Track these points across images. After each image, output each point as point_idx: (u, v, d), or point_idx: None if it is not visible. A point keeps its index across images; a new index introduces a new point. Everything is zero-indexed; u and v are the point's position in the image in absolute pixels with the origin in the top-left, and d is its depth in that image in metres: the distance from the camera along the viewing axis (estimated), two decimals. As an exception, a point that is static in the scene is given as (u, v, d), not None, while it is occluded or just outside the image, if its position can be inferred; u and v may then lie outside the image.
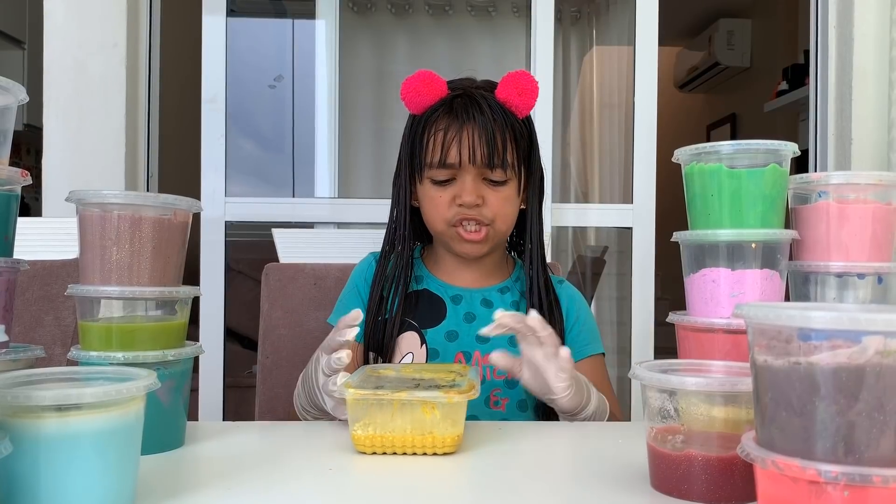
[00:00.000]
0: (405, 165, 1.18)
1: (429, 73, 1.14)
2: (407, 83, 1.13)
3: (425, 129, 1.13)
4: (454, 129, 1.11)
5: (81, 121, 1.89)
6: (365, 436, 0.81)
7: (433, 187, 1.14)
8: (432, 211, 1.15)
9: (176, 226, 0.86)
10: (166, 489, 0.70)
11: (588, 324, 1.22)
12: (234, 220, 1.98)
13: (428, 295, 1.20)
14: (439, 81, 1.14)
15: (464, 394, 0.80)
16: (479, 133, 1.10)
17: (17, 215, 0.79)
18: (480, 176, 1.12)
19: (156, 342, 0.83)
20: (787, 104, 3.88)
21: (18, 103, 0.77)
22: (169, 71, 2.17)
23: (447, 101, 1.13)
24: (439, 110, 1.13)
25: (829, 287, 0.90)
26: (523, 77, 1.13)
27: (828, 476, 0.47)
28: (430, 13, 2.74)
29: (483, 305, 1.19)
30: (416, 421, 0.80)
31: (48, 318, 1.31)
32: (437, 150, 1.11)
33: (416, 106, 1.14)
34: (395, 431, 0.80)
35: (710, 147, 0.86)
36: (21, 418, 0.58)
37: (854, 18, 1.92)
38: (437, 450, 0.81)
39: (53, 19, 1.89)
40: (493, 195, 1.12)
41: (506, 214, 1.15)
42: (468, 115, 1.10)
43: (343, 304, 1.22)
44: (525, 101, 1.13)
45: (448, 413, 0.80)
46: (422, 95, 1.13)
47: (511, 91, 1.12)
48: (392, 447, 0.81)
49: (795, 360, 0.49)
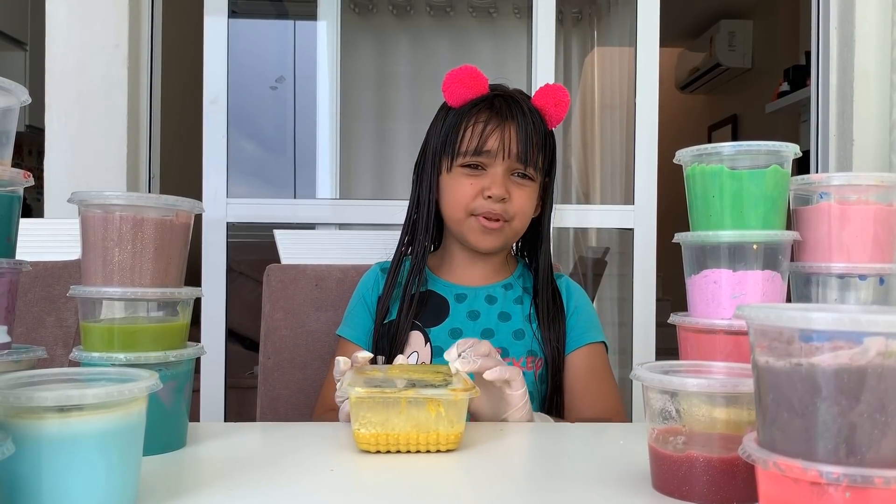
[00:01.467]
0: (433, 155, 1.20)
1: (473, 68, 1.19)
2: (452, 74, 1.18)
3: (464, 119, 1.17)
4: (495, 122, 1.15)
5: (83, 122, 1.89)
6: (368, 434, 0.81)
7: (463, 176, 1.17)
8: (456, 198, 1.17)
9: (178, 227, 0.86)
10: (168, 490, 0.70)
11: (587, 312, 1.25)
12: (236, 220, 1.98)
13: (432, 295, 1.22)
14: (483, 78, 1.19)
15: (468, 391, 0.82)
16: (518, 130, 1.15)
17: (19, 216, 0.80)
18: (509, 172, 1.16)
19: (158, 343, 0.83)
20: (789, 105, 3.88)
21: (21, 105, 0.78)
22: (170, 72, 2.17)
23: (489, 97, 1.18)
24: (480, 104, 1.17)
25: (830, 288, 0.90)
26: (559, 90, 1.19)
27: (829, 477, 0.47)
28: (432, 14, 2.74)
29: (487, 302, 1.21)
30: (419, 419, 0.81)
31: (50, 319, 1.31)
32: (475, 138, 1.15)
33: (457, 98, 1.18)
34: (398, 429, 0.81)
35: (712, 148, 0.86)
36: (23, 419, 0.58)
37: (855, 20, 1.92)
38: (441, 447, 0.82)
39: (55, 21, 1.90)
40: (518, 192, 1.16)
41: (525, 214, 1.18)
42: (511, 112, 1.15)
43: (351, 315, 1.25)
44: (558, 112, 1.20)
45: (451, 410, 0.81)
46: (467, 88, 1.17)
47: (548, 101, 1.19)
48: (396, 445, 0.81)
49: (797, 361, 0.49)
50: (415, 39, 2.75)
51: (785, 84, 3.95)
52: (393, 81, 2.68)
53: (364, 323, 1.22)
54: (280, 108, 3.21)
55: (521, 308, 1.21)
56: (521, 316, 1.20)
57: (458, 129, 1.16)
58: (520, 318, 1.20)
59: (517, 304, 1.22)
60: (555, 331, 1.19)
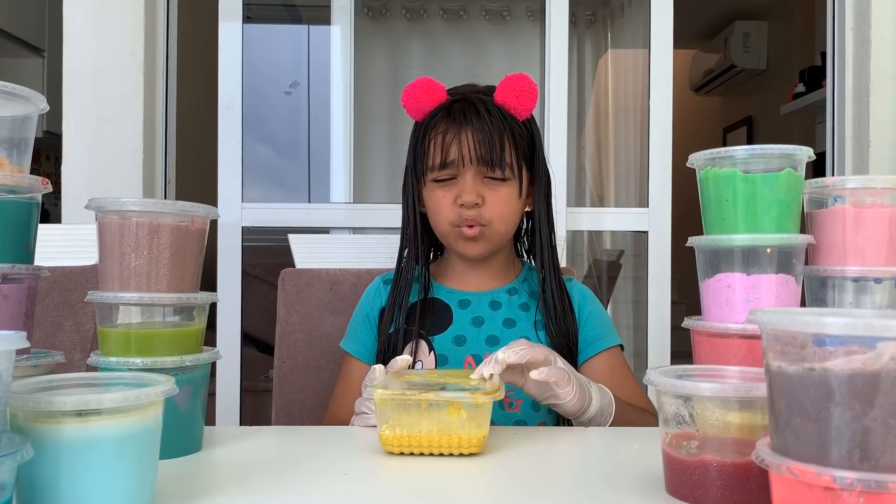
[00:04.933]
0: (410, 171, 1.20)
1: (428, 79, 1.18)
2: (407, 91, 1.18)
3: (426, 133, 1.16)
4: (453, 132, 1.14)
5: (100, 128, 1.91)
6: (392, 436, 0.82)
7: (437, 189, 1.16)
8: (437, 213, 1.17)
9: (193, 232, 0.87)
10: (184, 493, 0.71)
11: (601, 317, 1.23)
12: (251, 225, 1.99)
13: (436, 303, 1.21)
14: (438, 87, 1.18)
15: (489, 395, 0.82)
16: (476, 134, 1.12)
17: (38, 223, 0.81)
18: (480, 176, 1.14)
19: (174, 348, 0.84)
20: (804, 107, 3.86)
21: (39, 112, 0.79)
22: (186, 78, 2.19)
23: (446, 105, 1.16)
24: (438, 115, 1.16)
25: (845, 292, 0.89)
26: (521, 80, 1.15)
27: (843, 482, 0.47)
28: (445, 18, 2.75)
29: (491, 308, 1.20)
30: (443, 422, 0.81)
31: (68, 324, 1.32)
32: (437, 152, 1.14)
33: (416, 112, 1.18)
34: (422, 432, 0.81)
35: (725, 152, 0.86)
36: (42, 423, 0.59)
37: (871, 20, 1.91)
38: (463, 450, 0.82)
39: (73, 28, 1.92)
40: (492, 195, 1.14)
41: (504, 215, 1.16)
42: (466, 118, 1.13)
43: (354, 329, 1.25)
44: (523, 103, 1.16)
45: (474, 414, 0.81)
46: (421, 102, 1.17)
47: (509, 94, 1.15)
48: (419, 447, 0.82)
49: (810, 365, 0.49)
50: (428, 43, 2.75)
51: (800, 85, 3.92)
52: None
53: (366, 337, 1.22)
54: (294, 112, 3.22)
55: (526, 315, 1.19)
56: (528, 323, 1.19)
57: (423, 144, 1.16)
58: (526, 326, 1.18)
59: (523, 311, 1.20)
60: (563, 331, 1.17)
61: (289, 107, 3.24)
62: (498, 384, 0.86)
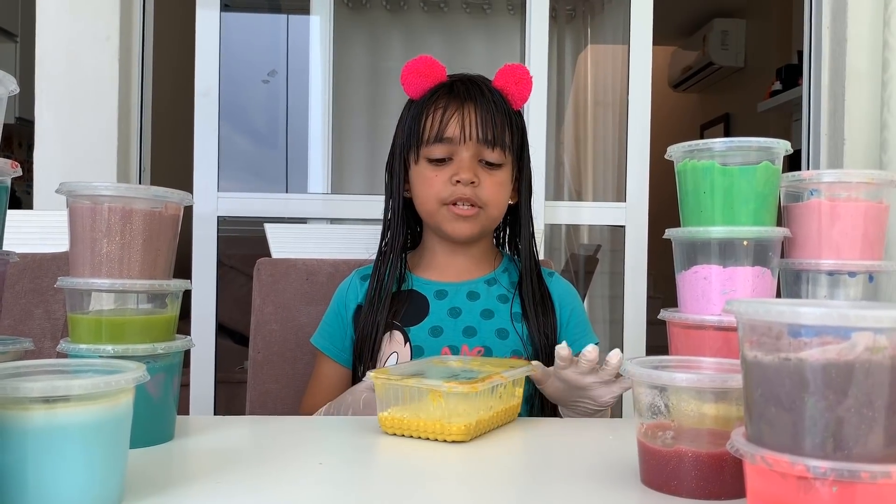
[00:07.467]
0: (400, 151, 1.19)
1: (430, 58, 1.17)
2: (408, 66, 1.17)
3: (424, 108, 1.16)
4: (454, 106, 1.14)
5: (74, 114, 1.88)
6: (386, 415, 0.87)
7: (429, 167, 1.15)
8: (426, 191, 1.15)
9: (167, 218, 0.85)
10: (155, 483, 0.70)
11: (581, 316, 1.24)
12: (227, 214, 1.97)
13: (412, 294, 1.20)
14: (440, 67, 1.18)
15: (464, 385, 0.82)
16: (478, 111, 1.13)
17: (6, 207, 0.79)
18: (477, 157, 1.14)
19: (146, 335, 0.83)
20: (781, 104, 3.89)
21: (9, 94, 0.77)
22: (162, 65, 2.16)
23: (447, 84, 1.17)
24: (439, 91, 1.16)
25: (820, 285, 0.90)
26: (519, 69, 1.17)
27: (816, 472, 0.47)
28: (425, 10, 2.73)
29: (468, 298, 1.19)
30: (425, 408, 0.84)
31: (38, 312, 1.30)
32: (435, 125, 1.13)
33: (415, 89, 1.17)
34: (415, 416, 0.85)
35: (703, 144, 0.86)
36: (8, 410, 0.57)
37: (848, 19, 1.92)
38: (447, 437, 0.83)
39: (46, 13, 1.88)
40: (488, 178, 1.14)
41: (498, 200, 1.16)
42: (469, 94, 1.14)
43: (326, 325, 1.24)
44: (520, 91, 1.17)
45: (450, 402, 0.83)
46: (423, 78, 1.16)
47: (508, 80, 1.17)
48: (408, 430, 0.86)
49: (785, 356, 0.49)
50: (408, 35, 2.74)
51: (777, 83, 3.96)
52: (386, 77, 2.68)
53: (337, 333, 1.21)
54: (272, 102, 3.19)
55: (505, 306, 1.19)
56: (506, 314, 1.18)
57: (419, 118, 1.15)
58: (503, 317, 1.17)
59: (501, 302, 1.19)
60: (543, 323, 1.17)
61: (267, 96, 3.21)
62: (507, 378, 0.89)
